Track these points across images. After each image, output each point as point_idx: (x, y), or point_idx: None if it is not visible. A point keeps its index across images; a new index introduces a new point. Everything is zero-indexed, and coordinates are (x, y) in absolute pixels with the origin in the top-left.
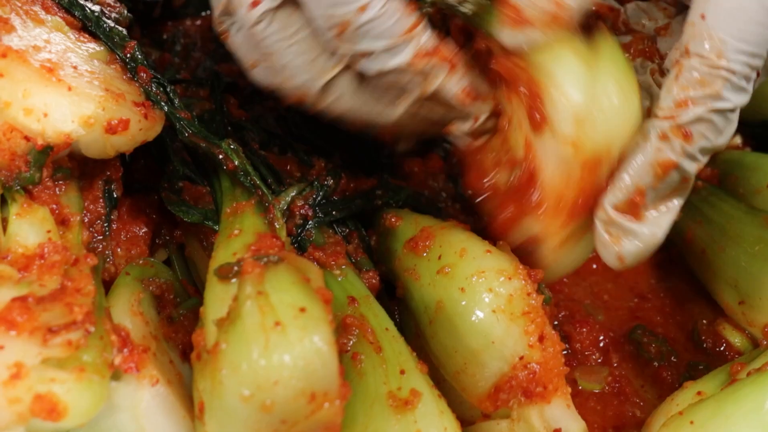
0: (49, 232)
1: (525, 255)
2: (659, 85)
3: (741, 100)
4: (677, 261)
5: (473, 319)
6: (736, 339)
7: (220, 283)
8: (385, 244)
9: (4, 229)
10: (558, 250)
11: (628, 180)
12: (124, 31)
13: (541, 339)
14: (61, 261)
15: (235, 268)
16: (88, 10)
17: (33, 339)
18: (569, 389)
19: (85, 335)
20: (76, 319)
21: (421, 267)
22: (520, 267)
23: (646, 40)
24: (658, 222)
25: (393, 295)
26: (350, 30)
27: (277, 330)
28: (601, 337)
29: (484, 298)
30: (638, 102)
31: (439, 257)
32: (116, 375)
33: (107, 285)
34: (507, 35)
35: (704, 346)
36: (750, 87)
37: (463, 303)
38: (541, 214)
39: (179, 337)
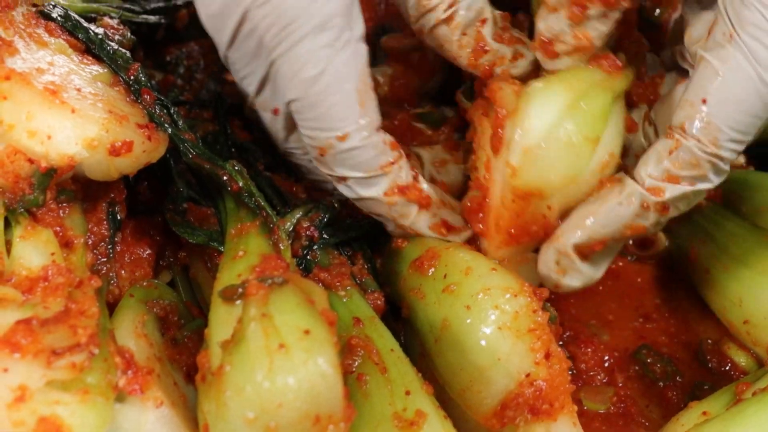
0: (53, 254)
1: None
2: (646, 134)
3: (720, 180)
4: (682, 280)
5: (479, 336)
6: (741, 359)
7: (225, 304)
8: (390, 265)
9: (8, 251)
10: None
11: (598, 230)
12: (128, 54)
13: (547, 356)
14: (65, 283)
15: (240, 289)
16: (92, 33)
17: (37, 361)
18: (575, 407)
19: (89, 357)
20: (80, 341)
21: (427, 286)
22: (526, 285)
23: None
24: (600, 263)
25: (398, 316)
26: (330, 154)
27: (281, 352)
28: (606, 357)
29: (490, 315)
30: (591, 153)
31: (445, 276)
32: (120, 397)
33: (111, 307)
34: (560, 62)
35: (709, 365)
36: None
37: (469, 321)
38: (482, 230)
39: (183, 358)
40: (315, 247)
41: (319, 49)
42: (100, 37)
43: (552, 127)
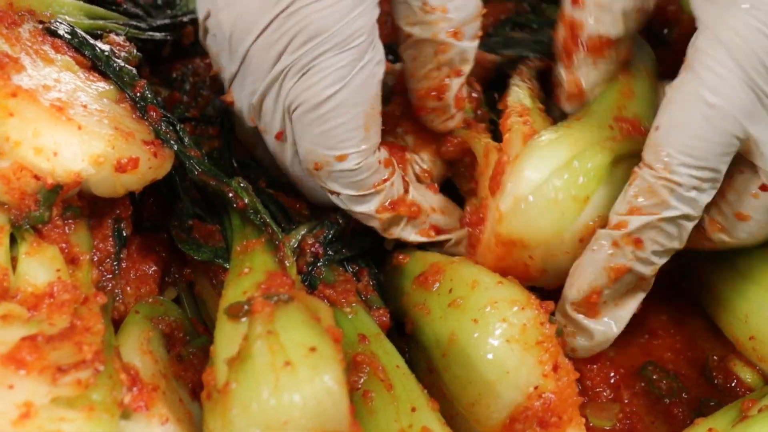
0: (58, 270)
1: None
2: None
3: (691, 209)
4: (688, 297)
5: (487, 349)
6: (747, 375)
7: (230, 322)
8: (392, 281)
9: (14, 268)
10: None
11: (584, 282)
12: (134, 71)
13: (555, 368)
14: (71, 300)
15: (246, 307)
16: (98, 50)
17: (42, 378)
18: (583, 420)
19: (95, 374)
20: (85, 357)
21: (432, 301)
22: (533, 297)
23: None
24: (614, 318)
25: (403, 332)
26: (324, 170)
27: (287, 369)
28: (612, 374)
29: (497, 328)
30: (578, 212)
31: (450, 290)
32: (126, 414)
33: (117, 324)
34: (567, 106)
35: (715, 382)
36: (703, 196)
37: (477, 334)
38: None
39: (189, 375)
40: (320, 263)
41: (340, 68)
42: (106, 53)
43: (542, 182)
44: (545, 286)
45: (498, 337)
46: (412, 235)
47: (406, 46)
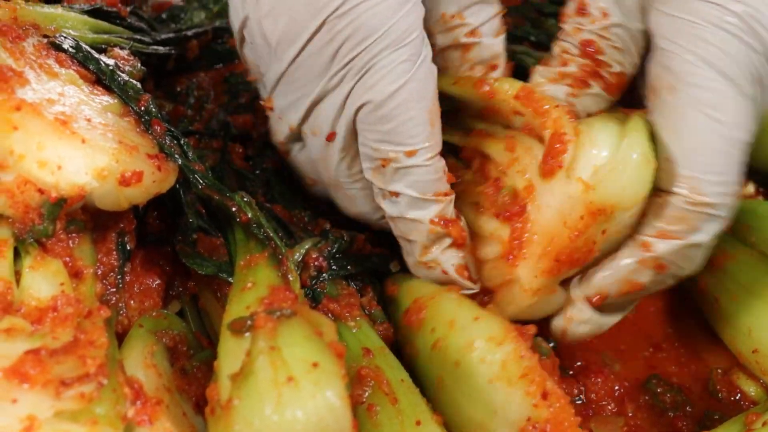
0: (62, 284)
1: (497, 296)
2: None
3: (716, 229)
4: (691, 309)
5: (472, 392)
6: (751, 388)
7: (234, 337)
8: (389, 310)
9: (18, 281)
10: (532, 296)
11: (597, 283)
12: (138, 85)
13: (544, 396)
14: (74, 313)
15: (248, 322)
16: (103, 64)
17: (46, 392)
18: (578, 422)
19: (98, 388)
20: (89, 371)
21: (418, 342)
22: (510, 329)
23: None
24: (610, 315)
25: None
26: (391, 167)
27: (289, 385)
28: (617, 387)
29: (478, 370)
30: (653, 173)
31: (432, 330)
32: (129, 428)
33: (120, 337)
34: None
35: (719, 395)
36: (726, 212)
37: (460, 377)
38: (520, 259)
39: (192, 389)
40: (324, 277)
41: (401, 63)
42: (110, 67)
43: (616, 147)
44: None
45: (480, 379)
46: (450, 261)
47: (437, 58)
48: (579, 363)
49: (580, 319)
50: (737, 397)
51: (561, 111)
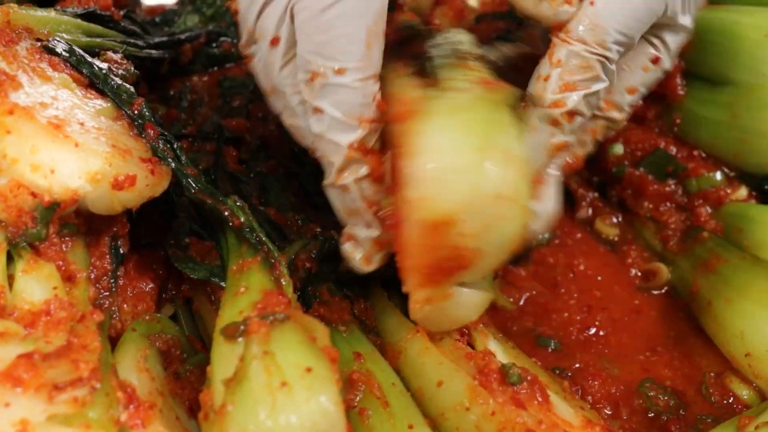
0: (55, 288)
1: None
2: None
3: (612, 78)
4: (685, 312)
5: None
6: (744, 392)
7: (227, 342)
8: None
9: (11, 285)
10: (422, 307)
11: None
12: (132, 89)
13: None
14: (67, 317)
15: (242, 327)
16: (96, 68)
17: (39, 396)
18: (588, 430)
19: (91, 392)
20: (82, 375)
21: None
22: (474, 385)
23: None
24: (549, 196)
25: None
26: (319, 82)
27: (283, 390)
28: (614, 390)
29: None
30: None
31: (409, 382)
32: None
33: (113, 341)
34: None
35: (712, 399)
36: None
37: None
38: (403, 270)
39: (186, 393)
40: (314, 280)
41: None
42: (104, 71)
43: (438, 148)
44: (497, 270)
45: None
46: (363, 191)
47: None
48: (578, 365)
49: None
50: (730, 401)
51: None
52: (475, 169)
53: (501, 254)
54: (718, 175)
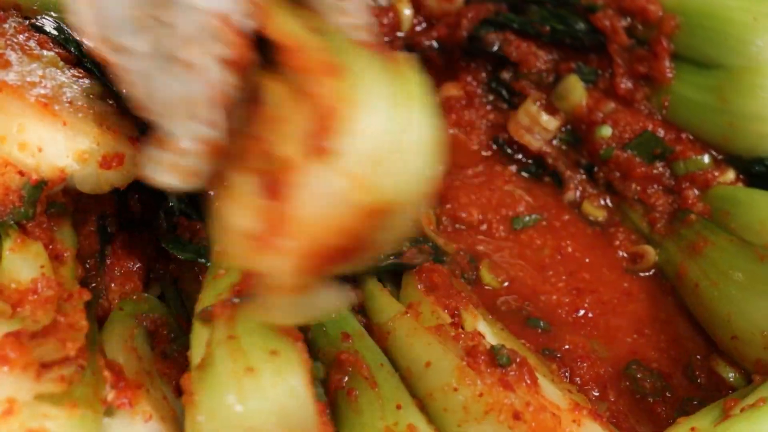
0: (42, 267)
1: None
2: None
3: None
4: (672, 295)
5: (449, 429)
6: (730, 374)
7: (203, 326)
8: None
9: None
10: (287, 296)
11: None
12: None
13: (517, 417)
14: (55, 296)
15: (210, 311)
16: (84, 46)
17: (26, 374)
18: (572, 419)
19: (78, 371)
20: (69, 354)
21: None
22: (463, 366)
23: None
24: None
25: None
26: None
27: (249, 376)
28: (602, 371)
29: (445, 416)
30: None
31: (398, 361)
32: (109, 411)
33: (101, 320)
34: None
35: (698, 381)
36: None
37: (434, 417)
38: (278, 249)
39: (173, 373)
40: None
41: None
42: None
43: (396, 130)
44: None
45: (450, 423)
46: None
47: None
48: (567, 346)
49: None
50: (716, 383)
51: (340, 80)
52: (423, 155)
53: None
54: (706, 158)
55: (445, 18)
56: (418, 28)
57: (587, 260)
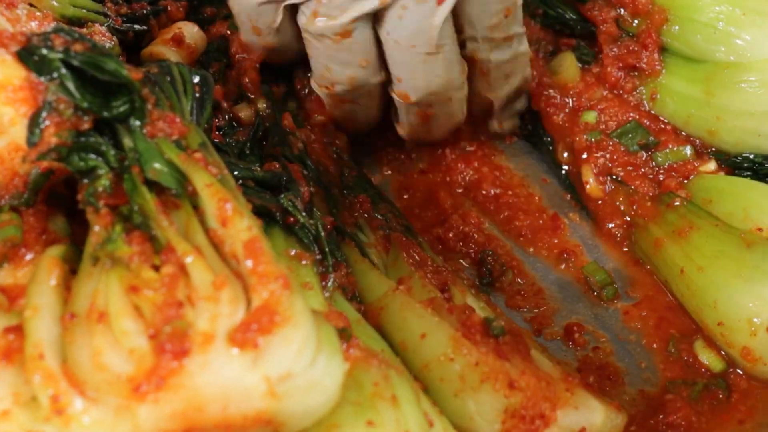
0: None
1: None
2: None
3: None
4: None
5: (444, 402)
6: (709, 358)
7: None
8: None
9: None
10: None
11: None
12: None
13: (511, 386)
14: None
15: None
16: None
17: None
18: (565, 387)
19: None
20: None
21: None
22: (458, 336)
23: None
24: None
25: None
26: None
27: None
28: None
29: (441, 387)
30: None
31: (391, 337)
32: None
33: None
34: None
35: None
36: None
37: (430, 389)
38: (156, 404)
39: None
40: None
41: None
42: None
43: (319, 361)
44: None
45: (447, 394)
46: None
47: None
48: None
49: None
50: (696, 366)
51: (283, 286)
52: (323, 394)
53: None
54: (688, 150)
55: None
56: None
57: None
